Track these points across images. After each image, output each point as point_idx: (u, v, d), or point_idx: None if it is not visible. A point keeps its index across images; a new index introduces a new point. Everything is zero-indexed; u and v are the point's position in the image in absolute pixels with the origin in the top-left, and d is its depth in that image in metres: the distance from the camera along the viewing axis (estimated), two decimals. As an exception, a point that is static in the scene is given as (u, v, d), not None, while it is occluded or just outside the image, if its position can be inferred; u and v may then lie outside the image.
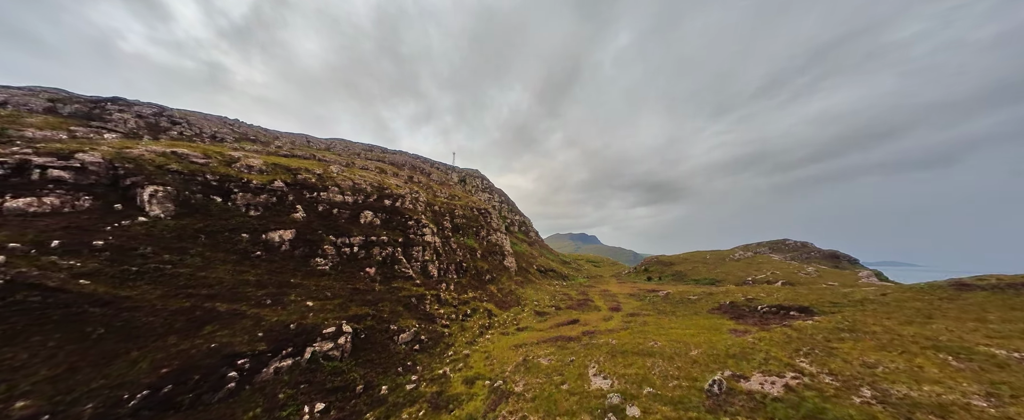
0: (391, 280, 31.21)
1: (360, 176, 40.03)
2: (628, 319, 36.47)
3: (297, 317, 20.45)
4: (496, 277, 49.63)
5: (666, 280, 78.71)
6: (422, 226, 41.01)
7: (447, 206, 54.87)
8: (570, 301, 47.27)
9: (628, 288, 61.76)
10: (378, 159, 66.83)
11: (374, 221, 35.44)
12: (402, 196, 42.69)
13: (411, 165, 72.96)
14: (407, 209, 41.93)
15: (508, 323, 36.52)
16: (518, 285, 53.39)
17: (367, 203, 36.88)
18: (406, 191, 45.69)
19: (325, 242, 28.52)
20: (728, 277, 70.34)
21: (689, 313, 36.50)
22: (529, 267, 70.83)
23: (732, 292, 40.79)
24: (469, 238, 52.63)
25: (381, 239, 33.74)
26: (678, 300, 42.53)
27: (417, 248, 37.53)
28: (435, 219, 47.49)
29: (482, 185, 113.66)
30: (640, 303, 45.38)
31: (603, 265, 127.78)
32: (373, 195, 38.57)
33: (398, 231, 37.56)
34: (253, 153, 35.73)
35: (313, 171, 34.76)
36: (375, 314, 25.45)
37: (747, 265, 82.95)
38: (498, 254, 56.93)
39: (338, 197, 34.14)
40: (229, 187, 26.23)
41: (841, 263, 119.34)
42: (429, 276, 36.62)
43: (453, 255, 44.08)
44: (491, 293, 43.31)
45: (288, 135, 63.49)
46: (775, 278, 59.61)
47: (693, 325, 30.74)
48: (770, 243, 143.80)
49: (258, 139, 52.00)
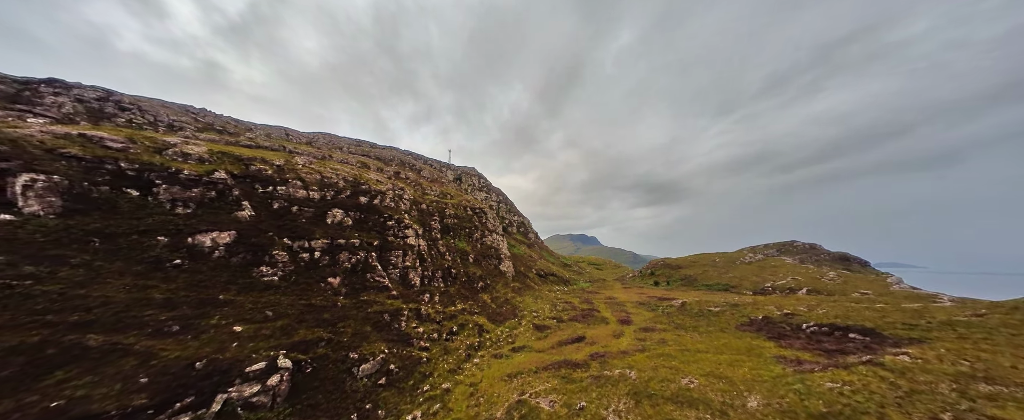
0: (360, 292, 25.91)
1: (333, 169, 34.79)
2: (642, 335, 31.25)
3: (212, 349, 15.15)
4: (490, 284, 44.35)
5: (675, 285, 73.45)
6: (404, 227, 35.75)
7: (437, 205, 49.61)
8: (573, 311, 42.02)
9: (635, 295, 56.52)
10: (363, 153, 61.58)
11: (345, 221, 30.15)
12: (382, 193, 37.41)
13: (400, 161, 67.62)
14: (387, 208, 36.66)
15: (502, 341, 31.25)
16: (515, 292, 48.11)
17: (338, 200, 31.59)
18: (388, 187, 40.43)
19: (276, 246, 23.22)
20: (743, 282, 65.11)
21: (714, 329, 31.27)
22: (528, 271, 65.56)
23: (761, 304, 35.57)
24: (461, 240, 47.38)
25: (351, 242, 28.46)
26: (697, 312, 37.28)
27: (396, 252, 32.24)
28: (422, 219, 42.22)
29: (479, 184, 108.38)
30: (652, 314, 40.14)
31: (605, 268, 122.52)
32: (346, 191, 33.28)
33: (374, 233, 32.27)
34: (200, 140, 30.46)
35: (271, 162, 29.49)
36: (332, 338, 20.16)
37: (760, 269, 77.81)
38: (493, 258, 51.67)
39: (300, 192, 28.85)
40: (150, 178, 20.94)
41: (852, 265, 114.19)
42: (409, 285, 31.32)
43: (441, 260, 38.80)
44: (484, 303, 38.02)
45: (264, 127, 58.21)
46: (797, 285, 54.38)
47: (724, 346, 25.50)
48: (778, 245, 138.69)
49: (226, 130, 46.66)
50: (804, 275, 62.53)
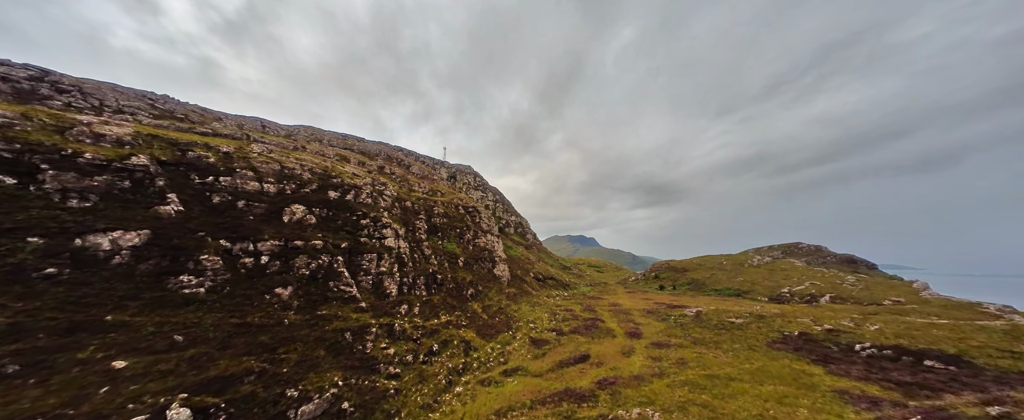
0: (318, 305, 21.24)
1: (298, 160, 30.13)
2: (656, 354, 26.68)
3: (62, 400, 10.50)
4: (483, 291, 39.70)
5: (682, 290, 68.94)
6: (382, 226, 31.10)
7: (424, 203, 44.95)
8: (575, 321, 37.39)
9: (641, 301, 51.96)
10: (346, 146, 56.90)
11: (306, 219, 25.47)
12: (357, 187, 32.73)
13: (387, 155, 62.90)
14: (363, 204, 32.00)
15: (492, 361, 26.59)
16: (511, 299, 43.47)
17: (300, 194, 26.91)
18: (367, 182, 35.77)
19: (206, 249, 18.55)
20: (756, 287, 60.64)
21: (741, 346, 26.69)
22: (525, 275, 60.93)
23: (790, 315, 31.02)
24: (450, 242, 42.72)
25: (312, 244, 23.80)
26: (717, 324, 32.71)
27: (370, 256, 27.58)
28: (404, 218, 37.56)
29: (475, 182, 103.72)
30: (664, 325, 35.55)
31: (606, 270, 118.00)
32: (311, 184, 28.60)
33: (344, 233, 27.61)
34: (128, 122, 25.76)
35: (216, 149, 24.78)
36: (267, 369, 15.51)
37: (770, 272, 73.35)
38: (486, 261, 47.03)
39: (252, 185, 24.16)
40: (34, 162, 16.28)
41: (859, 268, 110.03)
42: (384, 295, 26.64)
43: (425, 264, 34.13)
44: (473, 314, 33.36)
45: (239, 118, 53.58)
46: (818, 291, 49.88)
47: (761, 372, 20.87)
48: (783, 247, 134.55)
49: (188, 118, 41.95)
50: (822, 280, 58.08)
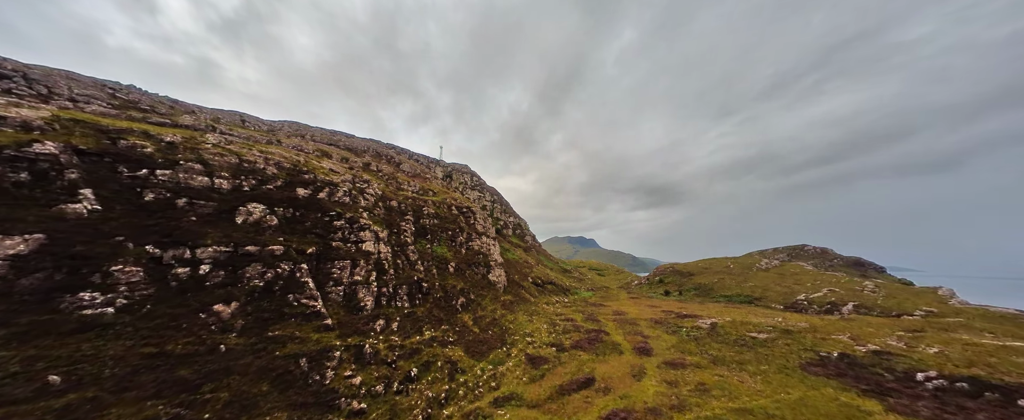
0: (270, 324, 17.64)
1: (263, 152, 26.52)
2: (671, 376, 23.06)
3: None
4: (475, 299, 36.06)
5: (689, 295, 65.31)
6: (360, 228, 27.48)
7: (413, 202, 41.34)
8: (577, 333, 33.77)
9: (647, 308, 48.36)
10: (330, 142, 53.27)
11: (266, 220, 21.85)
12: (333, 185, 29.11)
13: (375, 152, 59.19)
14: (339, 203, 28.39)
15: (482, 386, 22.94)
16: (506, 308, 39.82)
17: (261, 192, 23.27)
18: (346, 179, 32.17)
19: (123, 258, 14.95)
20: (767, 294, 57.04)
21: (770, 368, 23.07)
22: (522, 280, 57.29)
23: (822, 330, 27.44)
24: (440, 245, 39.08)
25: (270, 250, 20.19)
26: (736, 339, 29.10)
27: (342, 263, 23.95)
28: (388, 219, 33.93)
29: (471, 182, 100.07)
30: (676, 339, 31.96)
31: (608, 273, 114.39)
32: (276, 180, 24.96)
33: (312, 236, 23.99)
34: (47, 107, 22.14)
35: (158, 138, 21.15)
36: (180, 416, 11.93)
37: (780, 276, 69.78)
38: (481, 265, 43.40)
39: (199, 179, 20.54)
40: None
41: (867, 271, 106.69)
42: (357, 309, 23.00)
43: (408, 271, 30.49)
44: (463, 327, 29.73)
45: (216, 111, 50.02)
46: (838, 299, 46.24)
47: (802, 405, 17.21)
48: (788, 249, 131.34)
49: (155, 109, 38.39)
50: (839, 285, 54.48)
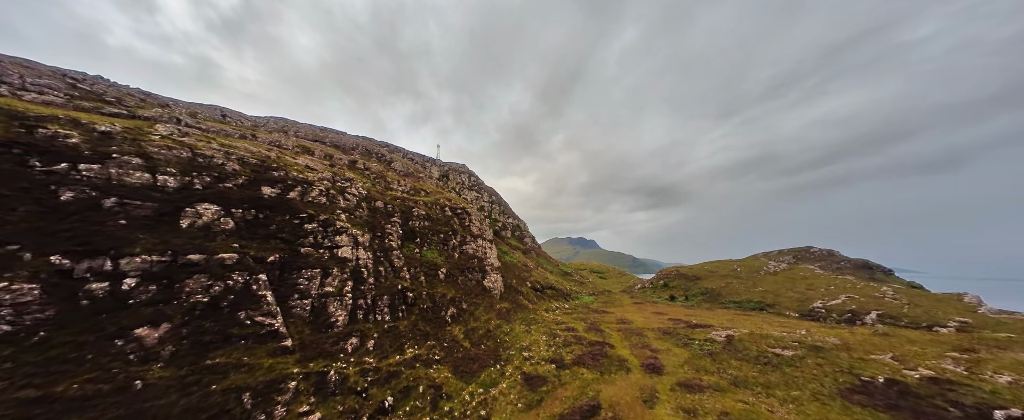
0: (210, 350, 14.60)
1: (224, 146, 23.48)
2: (689, 402, 19.94)
3: None
4: (467, 309, 32.98)
5: (696, 301, 62.15)
6: (336, 232, 24.44)
7: (402, 203, 38.30)
8: (579, 346, 30.70)
9: (653, 316, 45.28)
10: (315, 138, 50.22)
11: (220, 223, 18.82)
12: (307, 183, 26.08)
13: (365, 149, 56.08)
14: (313, 204, 25.37)
15: (470, 415, 19.83)
16: (502, 317, 36.73)
17: (216, 191, 20.23)
18: (325, 177, 29.14)
19: (11, 272, 11.95)
20: (780, 300, 53.90)
21: (804, 395, 19.95)
22: (521, 285, 54.21)
23: (858, 349, 24.30)
24: (430, 249, 36.02)
25: (220, 258, 17.17)
26: (757, 355, 25.99)
27: (310, 272, 20.90)
28: (372, 221, 30.88)
29: (469, 182, 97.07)
30: (688, 354, 28.89)
31: (610, 276, 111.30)
32: (237, 177, 21.92)
33: (277, 241, 20.95)
34: None
35: (90, 127, 18.12)
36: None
37: (791, 281, 66.66)
38: (475, 271, 40.33)
39: (137, 176, 17.52)
40: None
41: (875, 274, 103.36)
42: (326, 325, 19.94)
43: (392, 279, 27.41)
44: (452, 342, 26.65)
45: (193, 106, 47.02)
46: (860, 307, 43.08)
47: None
48: (794, 251, 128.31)
49: (121, 101, 35.38)
50: (856, 291, 51.33)
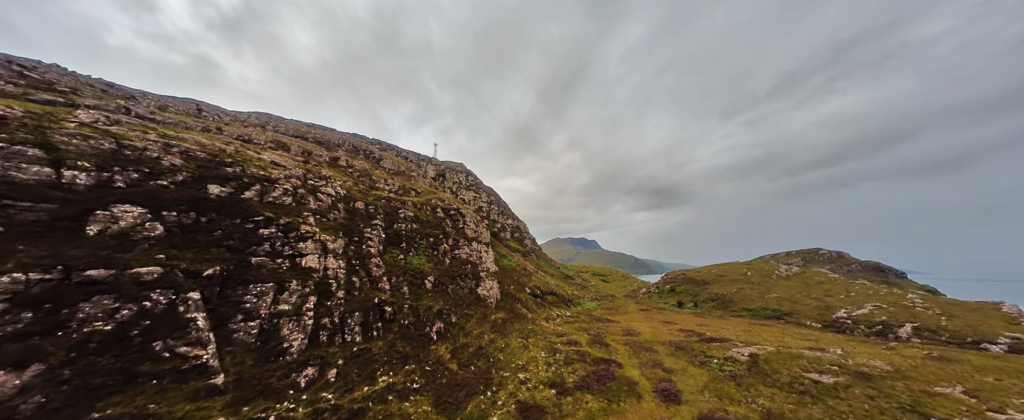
0: (103, 395, 11.14)
1: (165, 137, 19.98)
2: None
3: None
4: (458, 322, 29.45)
5: (706, 308, 58.48)
6: (299, 238, 20.97)
7: (387, 204, 34.82)
8: (582, 363, 27.13)
9: (663, 327, 41.67)
10: (297, 134, 46.80)
11: (143, 230, 15.35)
12: (269, 181, 22.60)
13: (351, 146, 52.56)
14: (275, 205, 21.89)
15: (450, 464, 16.49)
16: (497, 330, 33.19)
17: (144, 190, 16.75)
18: (293, 174, 25.69)
19: None
20: (798, 308, 50.21)
21: (858, 440, 16.46)
22: (519, 291, 50.65)
23: (919, 379, 20.63)
24: (417, 255, 32.52)
25: (135, 273, 13.72)
26: (789, 382, 22.36)
27: (261, 287, 17.43)
28: (349, 225, 27.40)
29: (467, 182, 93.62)
30: (706, 375, 25.31)
31: (612, 279, 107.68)
32: (176, 174, 18.43)
33: (221, 250, 17.47)
34: None
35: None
36: None
37: (805, 286, 62.93)
38: (468, 278, 36.81)
39: (33, 170, 14.00)
40: None
41: (888, 277, 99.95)
42: (277, 353, 16.45)
43: (368, 291, 23.91)
44: (437, 363, 23.12)
45: (166, 99, 43.71)
46: (891, 318, 39.34)
47: None
48: (802, 253, 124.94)
49: (76, 92, 31.99)
50: (882, 299, 47.59)
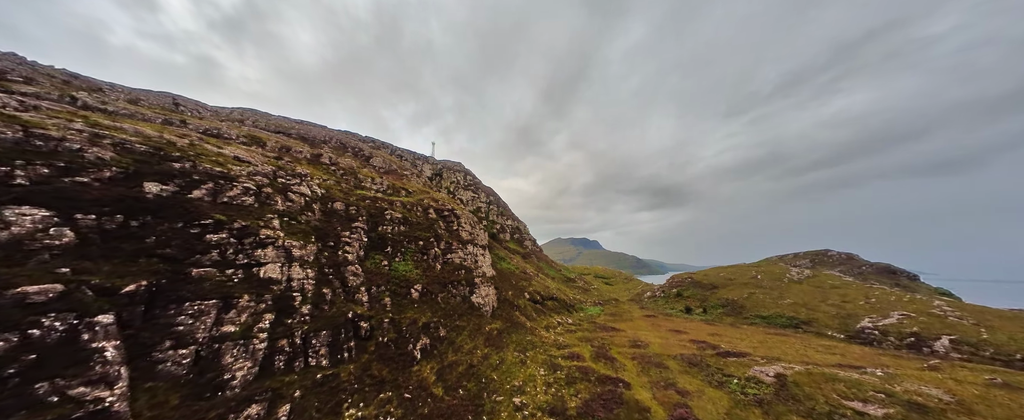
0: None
1: (96, 126, 17.06)
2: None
3: None
4: (447, 337, 26.42)
5: (716, 314, 55.23)
6: (258, 244, 18.02)
7: (371, 204, 31.83)
8: (585, 383, 24.08)
9: (672, 336, 38.54)
10: (277, 129, 43.80)
11: (45, 238, 12.38)
12: (228, 179, 19.63)
13: (339, 142, 49.42)
14: (232, 206, 18.92)
15: None
16: (492, 343, 30.13)
17: (55, 187, 13.78)
18: (263, 171, 22.74)
19: None
20: (816, 315, 46.94)
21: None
22: (518, 297, 47.58)
23: (982, 414, 17.57)
24: (403, 261, 29.50)
25: (21, 292, 10.75)
26: (828, 412, 19.23)
27: (200, 305, 14.43)
28: (323, 228, 24.41)
29: (465, 181, 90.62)
30: (727, 399, 22.24)
31: (616, 282, 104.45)
32: (103, 169, 15.46)
33: (154, 260, 14.45)
34: None
35: None
36: None
37: (820, 290, 59.50)
38: (461, 285, 33.77)
39: None
40: None
41: (900, 279, 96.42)
42: (213, 388, 13.45)
43: (341, 304, 20.90)
44: (420, 388, 20.09)
45: (141, 92, 40.91)
46: (924, 330, 35.98)
47: None
48: (810, 254, 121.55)
49: (32, 80, 29.14)
50: (907, 307, 44.27)
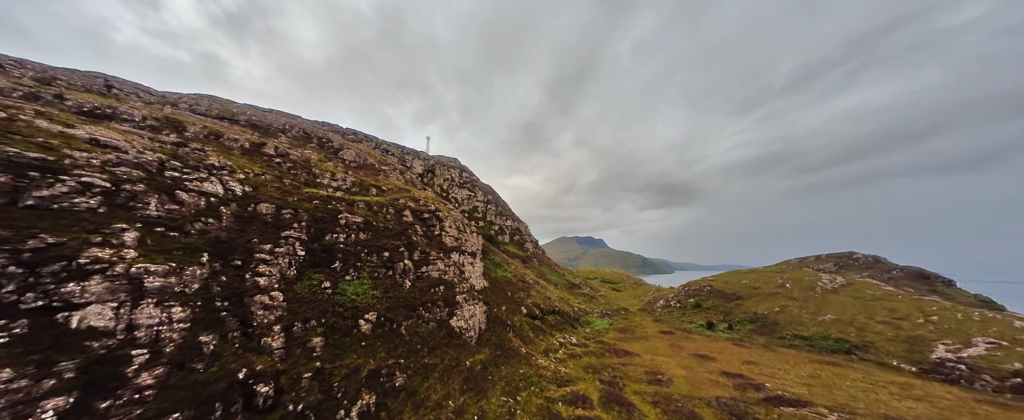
0: None
1: None
2: None
3: None
4: (407, 385, 19.50)
5: (743, 332, 47.71)
6: (76, 275, 11.31)
7: (320, 206, 24.99)
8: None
9: (697, 365, 31.32)
10: (219, 115, 36.88)
11: None
12: (56, 171, 12.96)
13: (301, 131, 42.01)
14: (39, 212, 12.26)
15: None
16: (472, 385, 23.09)
17: None
18: (137, 160, 16.07)
19: None
20: (870, 337, 39.34)
21: None
22: (513, 313, 40.55)
23: None
24: (358, 280, 22.60)
25: None
26: None
27: None
28: (226, 240, 17.59)
29: (460, 179, 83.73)
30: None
31: (624, 287, 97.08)
32: None
33: None
34: None
35: None
36: None
37: (861, 302, 51.49)
38: (438, 305, 26.86)
39: None
40: None
41: (936, 286, 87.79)
42: None
43: (232, 356, 14.09)
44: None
45: (57, 70, 34.62)
46: None
47: None
48: (835, 257, 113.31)
49: (5, 68, 23.01)
50: (987, 330, 36.54)
